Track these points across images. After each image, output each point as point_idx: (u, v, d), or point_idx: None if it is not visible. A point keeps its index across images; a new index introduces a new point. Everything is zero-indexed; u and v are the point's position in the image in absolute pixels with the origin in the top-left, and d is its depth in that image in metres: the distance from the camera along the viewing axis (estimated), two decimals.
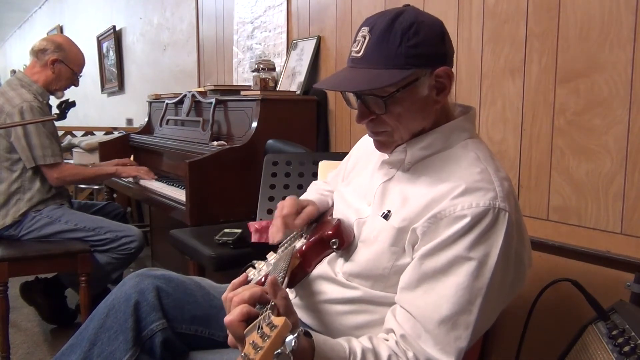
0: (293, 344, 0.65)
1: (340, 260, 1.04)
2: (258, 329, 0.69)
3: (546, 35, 1.44)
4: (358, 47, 0.96)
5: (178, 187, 2.48)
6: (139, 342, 1.06)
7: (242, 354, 0.65)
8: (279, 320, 0.68)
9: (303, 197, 1.30)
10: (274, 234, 1.13)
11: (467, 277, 0.87)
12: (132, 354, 1.04)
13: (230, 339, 0.82)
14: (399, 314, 0.92)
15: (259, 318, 0.73)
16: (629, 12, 1.26)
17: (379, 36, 0.93)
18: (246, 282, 1.01)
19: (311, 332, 0.84)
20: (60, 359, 1.10)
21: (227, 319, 0.80)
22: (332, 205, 1.27)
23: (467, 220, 0.88)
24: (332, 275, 1.03)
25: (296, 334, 0.66)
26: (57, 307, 2.66)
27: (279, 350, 0.64)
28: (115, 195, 3.53)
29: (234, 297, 0.84)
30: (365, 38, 0.95)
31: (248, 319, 0.79)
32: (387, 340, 0.91)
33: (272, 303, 0.79)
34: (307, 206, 1.18)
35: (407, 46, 0.92)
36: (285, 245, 1.20)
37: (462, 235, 0.88)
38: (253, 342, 0.66)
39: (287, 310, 0.80)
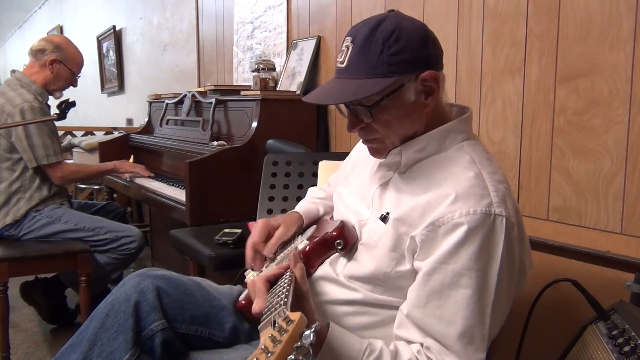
0: (311, 338, 0.65)
1: (342, 261, 1.05)
2: (274, 325, 0.70)
3: (546, 35, 1.44)
4: (342, 58, 0.97)
5: (178, 187, 2.49)
6: (139, 342, 1.05)
7: (262, 346, 0.65)
8: (294, 315, 0.68)
9: (297, 206, 1.30)
10: (248, 262, 1.15)
11: (475, 289, 0.88)
12: (132, 354, 1.04)
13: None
14: (413, 331, 0.92)
15: (274, 313, 0.74)
16: (629, 12, 1.26)
17: (360, 46, 0.94)
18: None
19: (330, 322, 0.90)
20: (60, 359, 1.10)
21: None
22: (324, 213, 1.28)
23: (464, 228, 0.88)
24: (333, 276, 1.03)
25: (313, 329, 0.66)
26: (57, 307, 2.66)
27: (298, 344, 0.64)
28: (115, 195, 3.53)
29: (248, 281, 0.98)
30: (348, 48, 0.96)
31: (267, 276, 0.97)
32: (410, 345, 0.93)
33: (285, 289, 0.84)
34: (278, 227, 1.18)
35: (389, 54, 0.92)
36: (282, 247, 1.20)
37: (462, 247, 0.88)
38: (271, 335, 0.67)
39: (303, 280, 0.92)
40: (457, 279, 0.88)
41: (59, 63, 2.53)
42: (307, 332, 0.65)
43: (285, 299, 0.80)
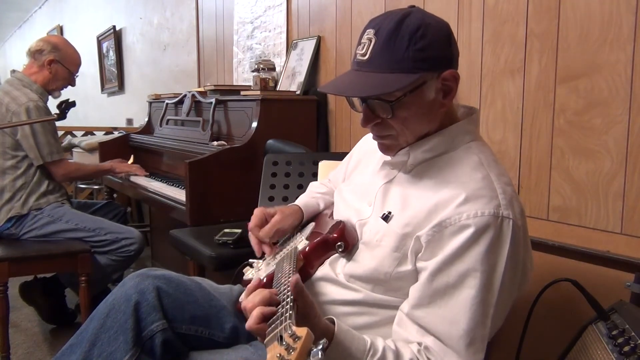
0: (319, 356, 0.64)
1: (342, 261, 1.04)
2: (281, 341, 0.68)
3: (546, 35, 1.44)
4: (364, 50, 0.94)
5: (178, 187, 2.49)
6: (139, 343, 1.05)
7: None
8: (301, 331, 0.67)
9: (297, 199, 1.30)
10: (256, 250, 1.16)
11: (479, 290, 0.88)
12: (132, 354, 1.04)
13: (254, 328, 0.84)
14: (413, 330, 0.92)
15: (280, 328, 0.73)
16: (629, 12, 1.26)
17: (385, 39, 0.92)
18: (260, 285, 1.01)
19: (335, 319, 0.87)
20: (60, 359, 1.10)
21: (247, 325, 0.83)
22: (324, 207, 1.28)
23: (471, 230, 0.87)
24: (333, 277, 1.02)
25: (321, 346, 0.65)
26: (57, 307, 2.66)
27: None
28: (115, 195, 3.54)
29: (247, 305, 0.86)
30: (371, 41, 0.93)
31: (265, 320, 0.81)
32: (410, 344, 0.92)
33: (289, 299, 0.80)
34: (274, 215, 1.18)
35: (415, 50, 0.91)
36: (282, 244, 1.20)
37: (469, 248, 0.88)
38: (279, 355, 0.65)
39: (305, 301, 0.83)
40: (462, 279, 0.88)
41: (57, 63, 2.55)
42: (315, 350, 0.65)
43: (291, 311, 0.78)
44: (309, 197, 1.31)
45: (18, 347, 2.44)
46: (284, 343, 0.67)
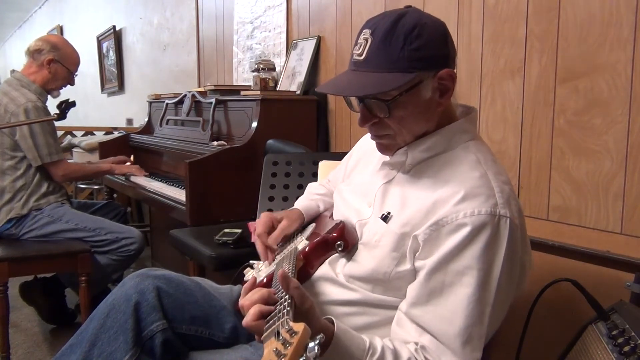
0: (316, 350, 0.64)
1: (342, 261, 1.04)
2: (277, 336, 0.68)
3: (546, 35, 1.44)
4: (360, 50, 0.95)
5: (178, 187, 2.49)
6: (139, 343, 1.06)
7: None
8: (298, 326, 0.67)
9: (296, 202, 1.30)
10: (262, 256, 1.14)
11: (476, 289, 0.88)
12: (132, 354, 1.04)
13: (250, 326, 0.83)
14: (411, 329, 0.92)
15: (277, 323, 0.73)
16: (629, 12, 1.26)
17: (381, 39, 0.92)
18: (255, 283, 1.01)
19: (334, 319, 0.86)
20: (60, 359, 1.10)
21: (244, 321, 0.82)
22: (324, 209, 1.27)
23: (468, 229, 0.88)
24: (332, 276, 1.02)
25: (317, 341, 0.65)
26: (57, 307, 2.66)
27: (303, 358, 0.63)
28: (115, 195, 3.54)
29: (245, 303, 0.86)
30: (367, 41, 0.94)
31: (262, 317, 0.81)
32: (407, 344, 0.92)
33: (287, 296, 0.80)
34: (281, 221, 1.18)
35: (410, 49, 0.91)
36: (282, 244, 1.20)
37: (465, 246, 0.88)
38: (276, 349, 0.65)
39: (303, 299, 0.82)
40: (459, 277, 0.88)
41: (56, 62, 2.55)
42: (311, 344, 0.64)
43: (288, 307, 0.78)
44: (308, 200, 1.31)
45: (18, 347, 2.44)
46: (281, 338, 0.67)
